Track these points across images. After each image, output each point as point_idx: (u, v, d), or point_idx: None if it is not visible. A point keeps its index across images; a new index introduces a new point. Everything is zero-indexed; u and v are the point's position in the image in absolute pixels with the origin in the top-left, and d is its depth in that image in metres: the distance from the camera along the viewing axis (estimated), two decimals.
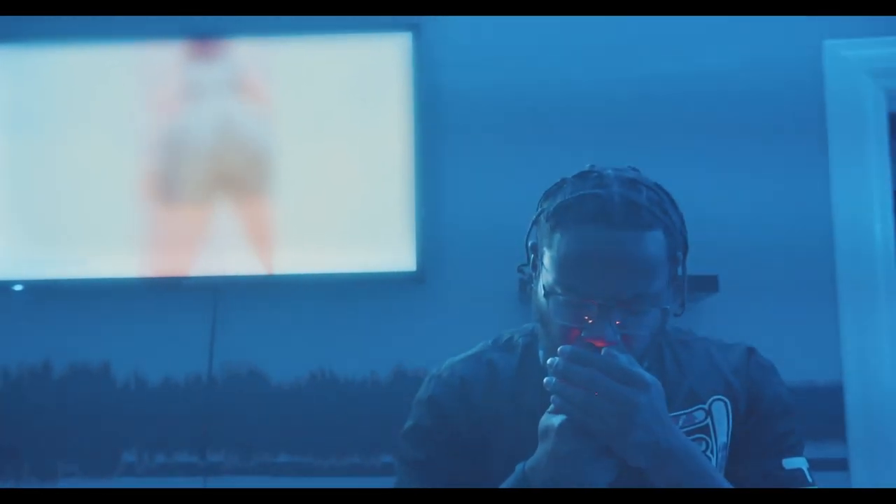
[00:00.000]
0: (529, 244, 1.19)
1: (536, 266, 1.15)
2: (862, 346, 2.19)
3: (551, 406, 1.03)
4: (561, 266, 1.07)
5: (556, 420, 1.02)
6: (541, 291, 1.10)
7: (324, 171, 2.23)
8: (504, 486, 1.09)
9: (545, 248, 1.11)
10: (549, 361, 1.02)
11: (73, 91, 2.29)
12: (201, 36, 2.27)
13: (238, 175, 2.24)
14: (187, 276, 2.23)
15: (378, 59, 2.24)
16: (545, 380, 1.02)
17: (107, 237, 2.25)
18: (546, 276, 1.09)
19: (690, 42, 2.29)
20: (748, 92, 2.27)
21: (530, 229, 1.18)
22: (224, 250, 2.22)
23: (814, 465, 1.21)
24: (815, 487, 1.18)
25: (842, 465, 2.15)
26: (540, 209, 1.16)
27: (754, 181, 2.24)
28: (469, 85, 2.31)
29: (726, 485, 1.08)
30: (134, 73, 2.28)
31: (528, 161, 2.26)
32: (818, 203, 2.23)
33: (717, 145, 2.25)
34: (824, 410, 2.17)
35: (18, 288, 2.27)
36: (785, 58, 2.27)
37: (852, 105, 2.24)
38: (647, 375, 1.01)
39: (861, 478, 2.15)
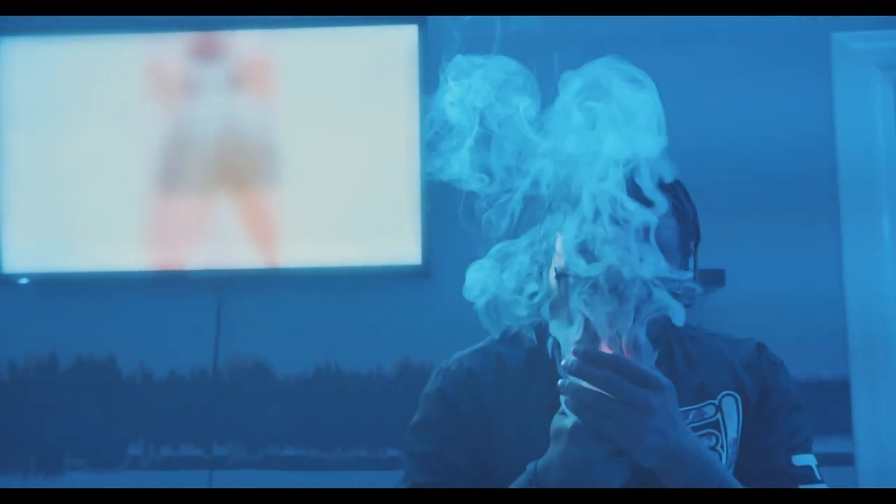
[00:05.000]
0: (542, 231, 1.18)
1: (548, 252, 1.14)
2: (869, 340, 2.18)
3: (562, 406, 1.02)
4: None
5: (569, 422, 1.01)
6: (553, 276, 1.10)
7: (329, 164, 2.22)
8: (515, 484, 1.09)
9: (558, 233, 1.11)
10: (563, 362, 1.01)
11: (78, 83, 2.28)
12: (207, 27, 2.27)
13: (244, 168, 2.24)
14: (193, 269, 2.23)
15: (385, 50, 2.23)
16: (559, 382, 1.01)
17: (112, 230, 2.25)
18: (558, 260, 1.09)
19: (695, 35, 2.28)
20: (755, 86, 2.25)
21: (543, 216, 1.18)
22: (229, 243, 2.22)
23: (820, 459, 1.21)
24: (824, 485, 1.17)
25: (848, 459, 2.15)
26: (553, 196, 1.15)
27: (762, 172, 2.23)
28: None
29: (738, 486, 1.08)
30: (139, 64, 2.27)
31: None
32: (826, 195, 2.22)
33: (723, 138, 2.24)
34: (831, 405, 2.16)
35: (24, 281, 2.27)
36: (793, 50, 2.26)
37: (860, 97, 2.23)
38: (662, 377, 1.00)
39: (867, 473, 2.15)
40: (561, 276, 1.08)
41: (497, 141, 1.06)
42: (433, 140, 1.08)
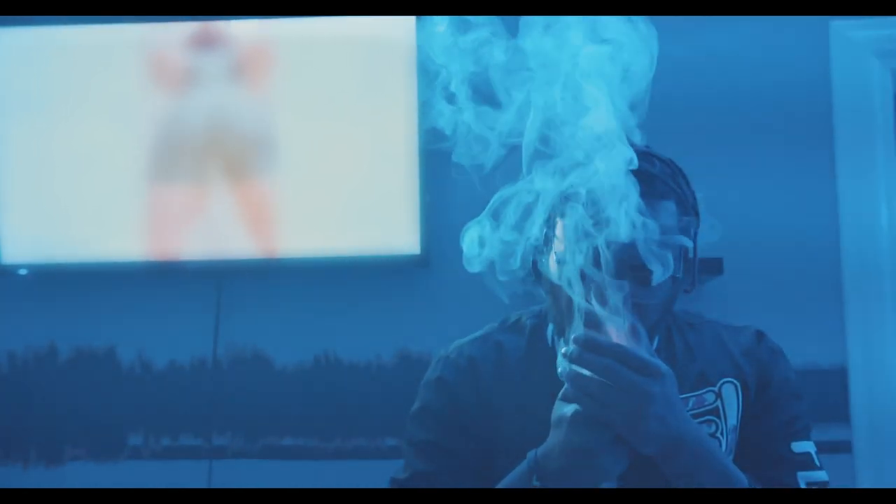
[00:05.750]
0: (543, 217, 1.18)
1: (549, 239, 1.14)
2: (866, 328, 2.19)
3: (562, 393, 1.03)
4: None
5: (569, 409, 1.01)
6: (553, 261, 1.10)
7: (328, 153, 2.22)
8: (515, 473, 1.09)
9: (558, 218, 1.11)
10: (563, 350, 1.01)
11: (74, 72, 2.27)
12: (204, 16, 2.26)
13: (242, 158, 2.24)
14: (192, 259, 2.23)
15: (384, 40, 2.22)
16: (559, 370, 1.01)
17: (111, 221, 2.25)
18: (559, 245, 1.09)
19: (694, 24, 2.27)
20: (753, 74, 2.25)
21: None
22: (228, 234, 2.22)
23: (818, 447, 1.21)
24: (823, 472, 1.18)
25: (846, 447, 2.16)
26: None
27: (760, 163, 2.23)
28: None
29: (737, 473, 1.08)
30: (135, 53, 2.26)
31: None
32: (824, 186, 2.22)
33: (721, 128, 2.24)
34: (828, 393, 2.17)
35: (23, 272, 2.27)
36: (791, 39, 2.26)
37: (858, 86, 2.23)
38: (662, 364, 1.00)
39: (865, 461, 2.15)
40: (562, 261, 1.08)
41: (481, 86, 1.05)
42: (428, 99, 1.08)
